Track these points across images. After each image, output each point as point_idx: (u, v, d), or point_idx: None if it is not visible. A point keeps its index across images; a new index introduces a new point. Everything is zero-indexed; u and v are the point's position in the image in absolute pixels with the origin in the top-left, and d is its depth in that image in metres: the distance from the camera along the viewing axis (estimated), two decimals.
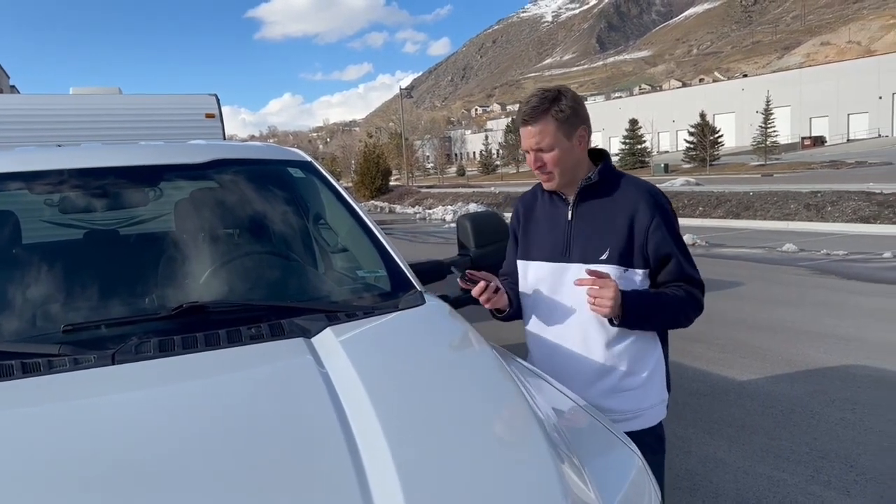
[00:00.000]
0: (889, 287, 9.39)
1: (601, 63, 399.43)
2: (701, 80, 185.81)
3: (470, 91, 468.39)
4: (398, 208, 38.13)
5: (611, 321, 2.00)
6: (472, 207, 28.95)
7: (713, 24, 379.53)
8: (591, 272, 1.95)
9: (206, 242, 2.43)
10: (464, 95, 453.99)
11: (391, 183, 51.57)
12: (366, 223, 2.49)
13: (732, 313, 8.01)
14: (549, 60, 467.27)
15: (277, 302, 2.03)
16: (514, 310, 2.30)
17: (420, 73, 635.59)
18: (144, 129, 5.55)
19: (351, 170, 63.85)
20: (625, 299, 1.95)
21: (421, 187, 52.24)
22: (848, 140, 70.75)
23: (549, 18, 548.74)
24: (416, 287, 2.29)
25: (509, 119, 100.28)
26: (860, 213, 16.57)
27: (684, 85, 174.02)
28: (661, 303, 2.02)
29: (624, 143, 64.04)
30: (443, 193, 40.45)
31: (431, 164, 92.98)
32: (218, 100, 6.51)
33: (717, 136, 55.08)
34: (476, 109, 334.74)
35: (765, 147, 53.18)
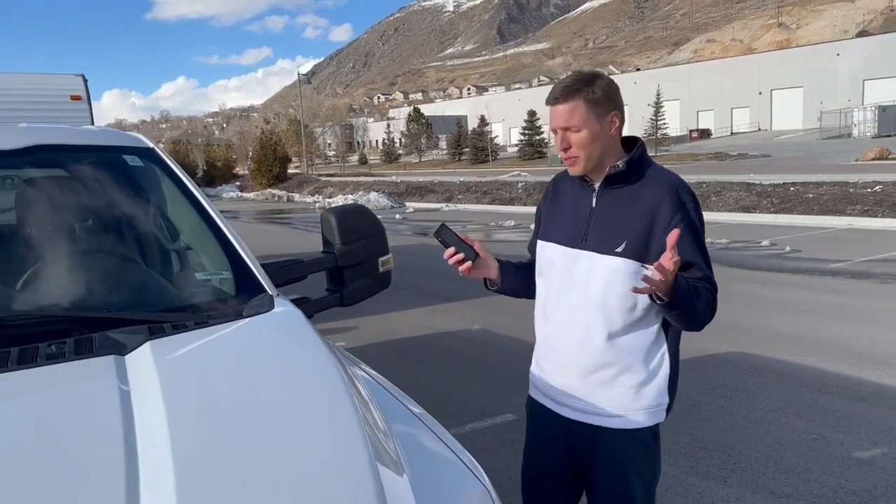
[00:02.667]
0: (766, 274, 9.83)
1: (501, 54, 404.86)
2: None
3: (372, 78, 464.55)
4: (297, 197, 37.19)
5: (652, 298, 1.87)
6: (374, 196, 28.60)
7: (608, 19, 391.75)
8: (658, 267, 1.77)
9: (26, 243, 2.10)
10: (366, 83, 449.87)
11: (290, 171, 50.25)
12: (212, 218, 2.22)
13: None
14: (450, 50, 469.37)
15: (89, 312, 1.75)
16: (515, 286, 2.25)
17: (321, 59, 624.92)
18: (1, 112, 5.04)
19: (248, 157, 61.86)
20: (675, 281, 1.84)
21: (321, 175, 51.20)
22: (732, 133, 74.37)
23: (451, 8, 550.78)
24: (266, 290, 2.05)
25: (411, 108, 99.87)
26: (741, 202, 17.40)
27: None
28: (697, 292, 1.91)
29: (523, 133, 64.92)
30: (343, 182, 39.78)
31: (333, 152, 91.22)
32: (85, 81, 5.98)
33: None
34: (378, 97, 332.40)
35: (655, 139, 55.13)
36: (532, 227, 2.41)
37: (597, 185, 2.06)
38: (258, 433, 1.30)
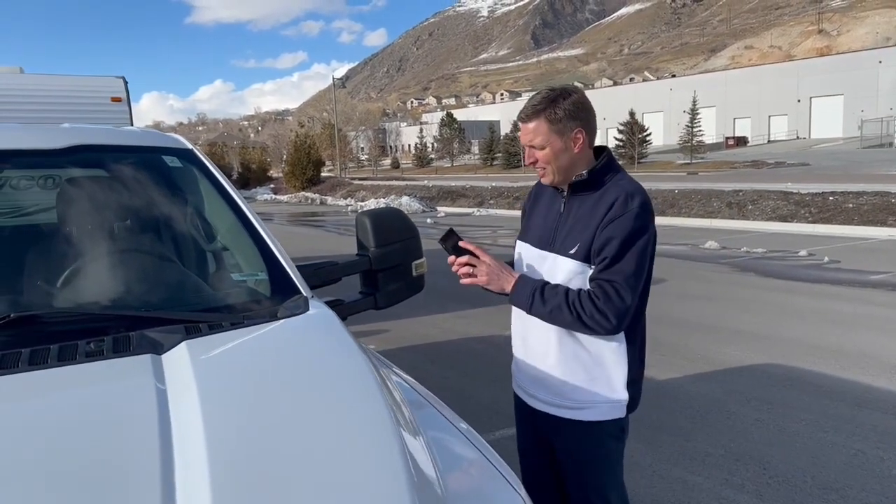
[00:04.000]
0: (803, 285, 9.63)
1: (535, 60, 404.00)
2: (631, 80, 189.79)
3: (406, 83, 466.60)
4: (330, 200, 37.49)
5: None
6: (405, 200, 28.69)
7: (644, 25, 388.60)
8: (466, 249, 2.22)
9: (66, 242, 2.14)
10: (399, 87, 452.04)
11: (323, 174, 50.71)
12: (249, 220, 2.23)
13: (653, 310, 7.96)
14: (484, 55, 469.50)
15: (127, 311, 1.77)
16: None
17: (356, 64, 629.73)
18: (45, 112, 5.17)
19: (282, 160, 62.56)
20: (517, 280, 2.17)
21: (354, 179, 51.50)
22: (769, 141, 73.15)
23: (485, 13, 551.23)
24: (301, 292, 2.05)
25: (444, 112, 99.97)
26: (779, 211, 17.09)
27: (615, 83, 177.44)
28: (545, 299, 2.10)
29: None
30: (376, 186, 40.00)
31: (366, 156, 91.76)
32: (126, 83, 6.12)
33: (645, 134, 56.01)
34: (412, 102, 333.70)
35: (691, 146, 54.43)
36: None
37: (565, 192, 2.24)
38: (293, 434, 1.30)
